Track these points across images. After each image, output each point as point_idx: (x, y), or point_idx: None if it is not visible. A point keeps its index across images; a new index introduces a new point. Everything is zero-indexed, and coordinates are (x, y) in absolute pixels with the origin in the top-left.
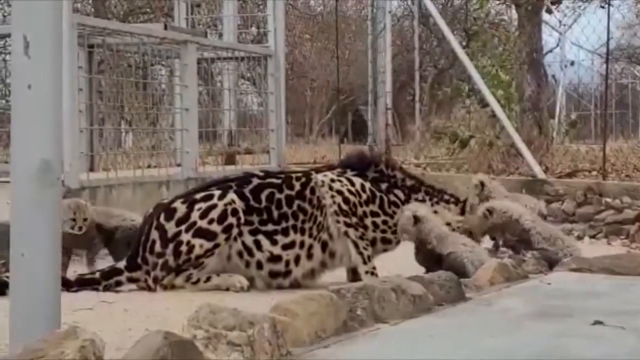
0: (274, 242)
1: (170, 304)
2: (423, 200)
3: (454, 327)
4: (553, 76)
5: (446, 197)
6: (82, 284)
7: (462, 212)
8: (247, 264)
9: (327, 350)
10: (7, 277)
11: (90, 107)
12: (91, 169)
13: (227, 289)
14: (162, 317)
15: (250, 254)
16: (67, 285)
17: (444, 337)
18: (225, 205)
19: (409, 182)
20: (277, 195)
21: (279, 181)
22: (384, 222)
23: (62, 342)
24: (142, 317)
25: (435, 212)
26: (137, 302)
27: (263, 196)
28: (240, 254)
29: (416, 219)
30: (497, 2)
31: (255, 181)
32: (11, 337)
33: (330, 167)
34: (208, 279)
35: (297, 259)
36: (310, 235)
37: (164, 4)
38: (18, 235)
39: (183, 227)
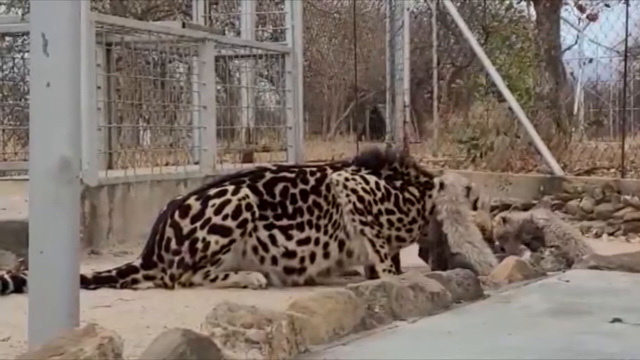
0: (289, 237)
1: (188, 302)
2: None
3: (472, 324)
4: (571, 73)
5: None
6: (100, 281)
7: (475, 208)
8: (262, 260)
9: (345, 348)
10: (26, 274)
11: (108, 105)
12: (109, 167)
13: (245, 287)
14: (181, 314)
15: (265, 249)
16: (85, 283)
17: (462, 334)
18: (239, 200)
19: (422, 179)
20: (292, 190)
21: (292, 175)
22: (399, 220)
23: (81, 340)
24: (161, 314)
25: None
26: (155, 299)
27: (277, 190)
28: (255, 250)
29: (441, 185)
30: None
31: (269, 175)
32: (30, 335)
33: (345, 163)
34: (226, 277)
35: (312, 257)
36: (326, 233)
37: (182, 2)
38: (37, 233)
39: (198, 224)
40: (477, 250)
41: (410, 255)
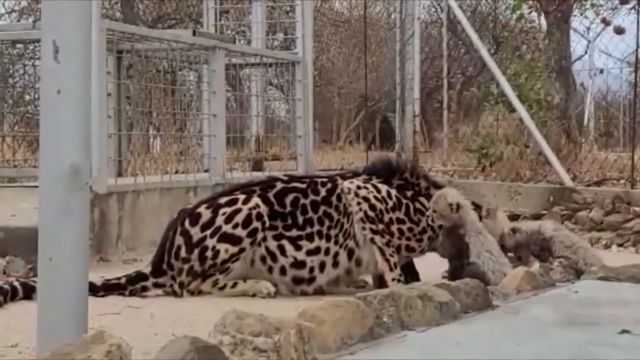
0: (298, 248)
1: (197, 310)
2: None
3: (480, 335)
4: (581, 84)
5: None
6: (109, 289)
7: (480, 218)
8: (270, 270)
9: (353, 357)
10: (35, 281)
11: (118, 113)
12: (119, 174)
13: (254, 295)
14: (189, 322)
15: (274, 259)
16: (94, 290)
17: (470, 344)
18: (250, 209)
19: (433, 191)
20: (302, 201)
21: (303, 186)
22: (410, 230)
23: (90, 347)
24: (169, 322)
25: None
26: (163, 307)
27: (287, 201)
28: (263, 259)
29: (458, 207)
30: (528, 9)
31: (280, 185)
32: (39, 341)
33: (356, 173)
34: (235, 285)
35: (322, 266)
36: (336, 243)
37: (192, 11)
38: (46, 240)
39: (208, 232)
40: (494, 259)
41: (418, 265)
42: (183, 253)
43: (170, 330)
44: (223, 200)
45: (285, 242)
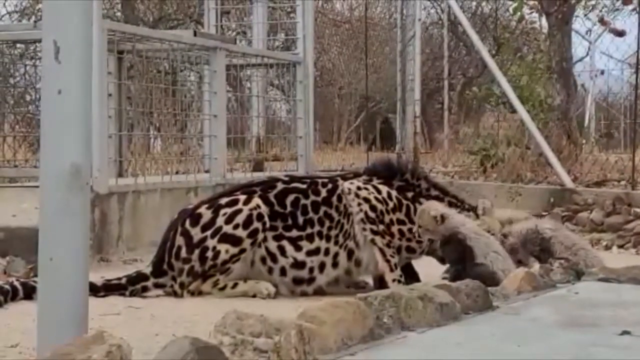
0: (298, 248)
1: (197, 310)
2: None
3: (481, 336)
4: (582, 85)
5: (467, 206)
6: (109, 289)
7: (477, 217)
8: (270, 270)
9: (353, 358)
10: (36, 281)
11: (119, 113)
12: (119, 175)
13: (254, 296)
14: (189, 322)
15: (274, 259)
16: (95, 290)
17: (471, 345)
18: (251, 210)
19: (433, 192)
20: (303, 201)
21: (304, 186)
22: (410, 231)
23: (90, 347)
24: (169, 322)
25: None
26: (164, 307)
27: (288, 201)
28: (263, 260)
29: (442, 218)
30: (529, 11)
31: (280, 186)
32: (39, 341)
33: (356, 174)
34: (235, 285)
35: (321, 267)
36: (336, 243)
37: (193, 11)
38: (47, 240)
39: (209, 233)
40: (501, 259)
41: (418, 266)
42: (184, 253)
43: (171, 330)
44: (224, 200)
45: (285, 243)
